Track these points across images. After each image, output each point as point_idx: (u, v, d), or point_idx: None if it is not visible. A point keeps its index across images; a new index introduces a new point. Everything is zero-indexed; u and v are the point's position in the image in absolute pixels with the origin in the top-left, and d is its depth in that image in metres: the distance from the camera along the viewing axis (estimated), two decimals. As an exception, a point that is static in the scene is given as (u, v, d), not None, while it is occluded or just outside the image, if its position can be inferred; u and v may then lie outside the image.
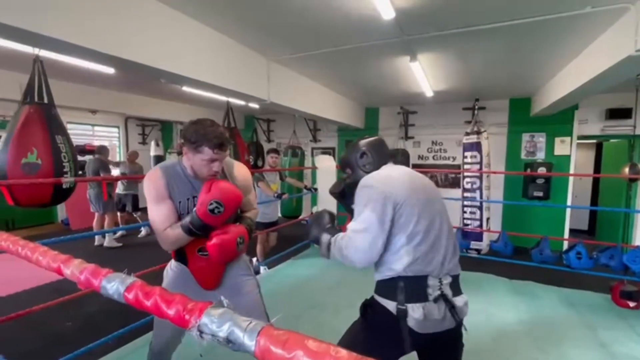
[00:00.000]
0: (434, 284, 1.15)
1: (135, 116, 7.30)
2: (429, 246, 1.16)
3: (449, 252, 1.21)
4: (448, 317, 1.15)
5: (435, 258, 1.17)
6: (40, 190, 2.15)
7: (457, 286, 1.22)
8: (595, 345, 2.32)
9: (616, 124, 4.90)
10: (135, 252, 4.94)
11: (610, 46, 2.64)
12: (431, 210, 1.21)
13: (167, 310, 0.39)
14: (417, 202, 1.19)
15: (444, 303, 1.15)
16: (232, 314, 0.36)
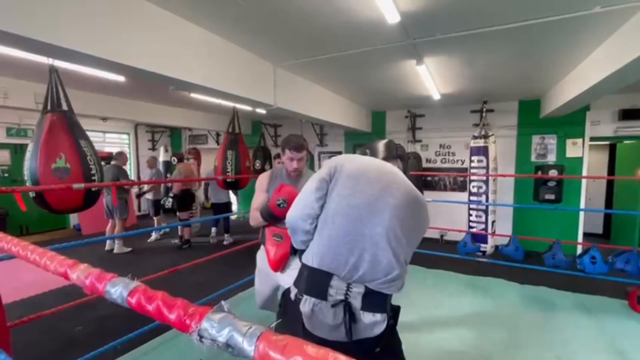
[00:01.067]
0: (339, 287, 1.02)
1: (144, 123, 7.42)
2: (343, 243, 1.03)
3: (369, 262, 1.02)
4: (342, 329, 0.99)
5: (347, 259, 1.02)
6: (74, 195, 2.20)
7: (374, 303, 1.03)
8: (613, 353, 2.25)
9: (630, 125, 4.79)
10: (144, 258, 4.99)
11: (621, 46, 2.59)
12: (369, 202, 1.06)
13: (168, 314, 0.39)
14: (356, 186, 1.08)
15: (342, 311, 0.99)
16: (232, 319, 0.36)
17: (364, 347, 1.03)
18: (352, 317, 1.00)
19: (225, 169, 4.41)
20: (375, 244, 1.02)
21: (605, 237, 6.18)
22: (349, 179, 1.10)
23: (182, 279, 3.92)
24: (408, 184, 1.15)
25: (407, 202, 1.09)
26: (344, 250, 1.03)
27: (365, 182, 1.09)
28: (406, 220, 1.07)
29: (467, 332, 2.52)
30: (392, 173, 1.16)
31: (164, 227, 5.17)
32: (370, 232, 1.03)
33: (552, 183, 4.89)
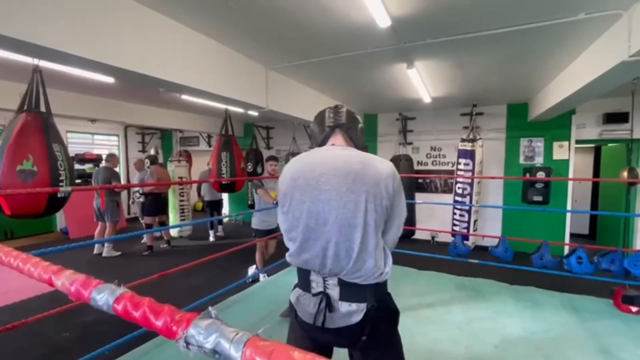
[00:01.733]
0: (317, 280, 1.12)
1: (134, 124, 7.33)
2: (302, 244, 1.09)
3: (333, 257, 1.05)
4: (321, 315, 1.08)
5: (315, 257, 1.07)
6: (35, 199, 2.10)
7: (350, 294, 1.07)
8: (600, 352, 2.29)
9: (613, 128, 4.93)
10: (134, 262, 4.92)
11: (605, 52, 2.67)
12: (326, 206, 1.04)
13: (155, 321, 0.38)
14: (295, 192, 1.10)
15: (321, 301, 1.09)
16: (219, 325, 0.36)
17: (345, 335, 1.10)
18: (330, 306, 1.08)
19: (220, 171, 4.39)
20: (334, 238, 1.05)
21: (591, 237, 6.32)
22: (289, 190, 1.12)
23: (172, 283, 3.87)
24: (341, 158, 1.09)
25: (349, 178, 1.04)
26: (310, 250, 1.09)
27: (302, 188, 1.09)
28: (359, 197, 1.03)
29: (458, 333, 2.54)
30: (322, 162, 1.10)
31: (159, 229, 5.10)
32: (322, 230, 1.06)
33: (539, 185, 4.99)
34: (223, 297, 3.10)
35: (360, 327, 1.07)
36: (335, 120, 1.21)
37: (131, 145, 8.61)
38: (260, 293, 3.31)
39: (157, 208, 5.41)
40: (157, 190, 5.34)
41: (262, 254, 3.93)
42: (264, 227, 3.87)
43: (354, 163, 1.07)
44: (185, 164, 6.75)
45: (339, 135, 1.21)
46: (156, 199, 5.37)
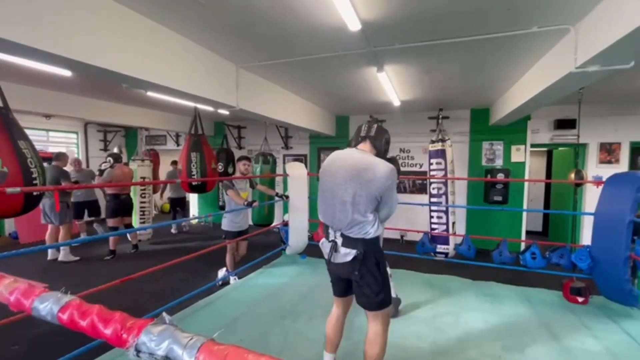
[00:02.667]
0: (332, 233, 1.75)
1: (96, 121, 6.90)
2: (324, 209, 1.78)
3: (340, 221, 1.69)
4: (331, 254, 1.75)
5: (330, 220, 1.75)
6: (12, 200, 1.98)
7: (348, 242, 1.69)
8: (550, 339, 2.48)
9: (563, 134, 5.35)
10: (95, 267, 4.63)
11: (555, 63, 2.89)
12: (329, 186, 1.73)
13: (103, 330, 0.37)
14: (324, 177, 1.79)
15: (332, 245, 1.74)
16: (172, 331, 0.35)
17: (342, 267, 1.74)
18: (336, 249, 1.73)
19: (190, 172, 4.24)
20: (338, 207, 1.69)
21: (544, 234, 6.81)
22: (323, 172, 1.82)
23: (137, 288, 3.69)
24: (353, 159, 1.70)
25: (351, 174, 1.65)
26: (328, 213, 1.76)
27: (325, 172, 1.79)
28: (355, 186, 1.63)
29: (424, 329, 2.64)
30: (343, 157, 1.75)
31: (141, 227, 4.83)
32: (333, 201, 1.70)
33: (499, 186, 5.30)
34: (191, 301, 3.00)
35: (352, 264, 1.69)
36: (366, 132, 1.81)
37: (92, 143, 8.11)
38: (230, 296, 3.24)
39: (117, 209, 5.11)
40: (116, 191, 5.06)
41: (232, 256, 3.85)
42: (234, 229, 3.80)
43: (361, 164, 1.66)
44: (150, 163, 6.45)
45: (367, 142, 1.79)
46: (115, 200, 5.08)
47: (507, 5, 2.25)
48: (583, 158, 5.43)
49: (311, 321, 2.72)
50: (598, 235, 2.89)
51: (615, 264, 2.71)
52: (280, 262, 4.39)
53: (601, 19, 2.19)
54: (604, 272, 2.85)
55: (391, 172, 1.62)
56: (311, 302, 3.09)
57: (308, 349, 2.33)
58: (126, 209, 5.25)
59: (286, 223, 4.22)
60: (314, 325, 2.65)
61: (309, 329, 2.59)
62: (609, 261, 2.77)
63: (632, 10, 1.84)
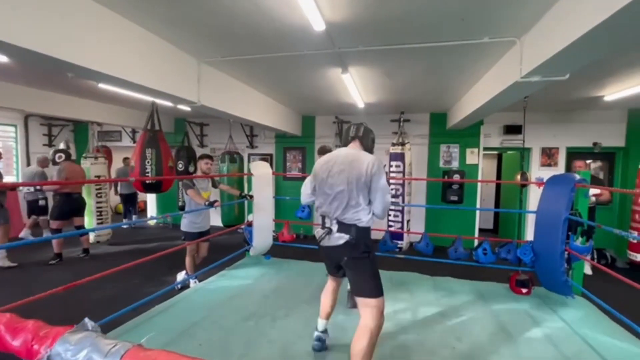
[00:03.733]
0: (328, 221, 1.97)
1: (39, 114, 6.28)
2: (322, 202, 1.99)
3: (337, 208, 1.91)
4: (324, 238, 1.96)
5: (326, 209, 1.97)
6: None
7: (342, 227, 1.90)
8: (498, 329, 2.67)
9: (511, 138, 5.81)
10: (36, 273, 4.21)
11: (503, 72, 3.13)
12: (327, 180, 1.95)
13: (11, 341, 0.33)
14: (321, 173, 2.00)
15: (327, 230, 1.94)
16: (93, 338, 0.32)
17: (334, 250, 1.94)
18: (330, 233, 1.92)
19: (144, 169, 3.99)
20: (336, 196, 1.92)
21: (495, 231, 7.33)
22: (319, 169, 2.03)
23: (85, 295, 3.42)
24: (348, 156, 1.94)
25: (348, 168, 1.89)
26: (325, 203, 1.97)
27: (322, 169, 2.01)
28: (350, 179, 1.87)
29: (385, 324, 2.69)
30: (338, 155, 1.98)
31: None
32: (331, 191, 1.93)
33: (455, 186, 5.63)
34: (147, 307, 2.83)
35: (343, 248, 1.88)
36: (355, 133, 2.06)
37: (34, 138, 7.37)
38: (189, 300, 3.11)
39: (67, 210, 4.70)
40: (68, 190, 4.65)
41: (192, 258, 3.70)
42: (194, 230, 3.65)
43: (351, 157, 1.93)
44: (104, 160, 6.00)
45: (356, 141, 2.05)
46: (66, 200, 4.66)
47: (461, 16, 2.40)
48: (528, 161, 5.94)
49: (275, 322, 2.69)
50: (539, 232, 3.17)
51: (553, 257, 2.98)
52: (243, 263, 4.29)
53: (541, 35, 2.41)
54: (544, 265, 3.13)
55: (375, 160, 1.88)
56: (275, 303, 3.06)
57: (271, 351, 2.30)
58: (79, 209, 4.85)
59: (250, 223, 4.14)
60: (277, 326, 2.62)
61: (273, 331, 2.56)
62: (548, 255, 3.05)
63: (565, 29, 2.04)
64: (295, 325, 2.66)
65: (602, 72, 3.61)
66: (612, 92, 4.37)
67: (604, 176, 5.90)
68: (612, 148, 5.68)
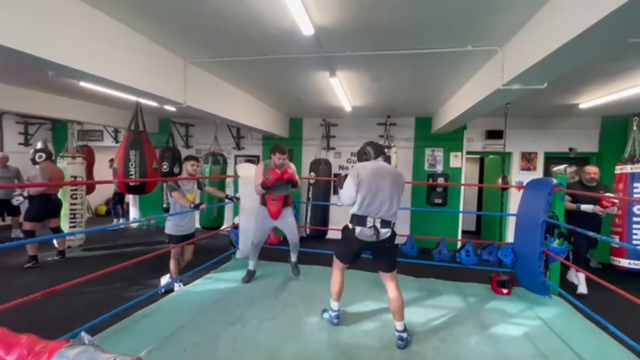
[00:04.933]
0: (370, 220, 2.37)
1: (13, 112, 6.03)
2: (369, 204, 2.36)
3: (382, 210, 2.36)
4: (374, 235, 2.37)
5: (372, 210, 2.37)
6: None
7: (386, 224, 2.39)
8: (480, 328, 2.75)
9: (492, 143, 6.00)
10: (8, 278, 4.04)
11: (485, 80, 3.23)
12: (379, 187, 2.36)
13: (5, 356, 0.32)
14: (371, 181, 2.36)
15: (373, 229, 2.37)
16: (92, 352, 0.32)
17: (382, 242, 2.41)
18: (377, 231, 2.37)
19: (127, 171, 3.89)
20: (384, 202, 2.36)
21: (477, 233, 7.52)
22: (368, 177, 2.37)
23: (64, 301, 3.30)
24: (391, 169, 2.50)
25: (393, 179, 2.41)
26: (372, 206, 2.36)
27: (373, 177, 2.37)
28: (394, 188, 2.39)
29: (371, 325, 2.75)
30: (382, 167, 2.46)
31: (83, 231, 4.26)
32: (381, 198, 2.36)
33: (440, 189, 5.75)
34: (129, 312, 2.76)
35: (388, 239, 2.43)
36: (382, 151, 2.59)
37: (9, 136, 7.08)
38: (174, 304, 3.05)
39: (45, 211, 4.53)
40: (48, 190, 4.49)
41: (177, 261, 3.64)
42: (179, 232, 3.59)
43: (392, 170, 2.48)
44: (82, 161, 5.81)
45: (382, 157, 2.56)
46: (45, 200, 4.49)
47: (446, 24, 2.47)
48: (508, 165, 6.13)
49: (261, 325, 2.67)
50: (518, 234, 3.28)
51: (532, 258, 3.10)
52: (229, 266, 4.24)
53: (521, 45, 2.51)
54: (523, 266, 3.24)
55: (403, 175, 2.57)
56: (261, 305, 3.04)
57: (258, 354, 2.29)
58: (56, 210, 4.68)
59: (237, 226, 4.10)
60: (264, 329, 2.61)
61: (259, 334, 2.54)
62: (526, 256, 3.16)
63: (544, 40, 2.14)
64: (282, 327, 2.65)
65: (578, 81, 3.78)
66: (587, 100, 4.58)
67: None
68: (587, 153, 5.94)
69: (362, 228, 2.36)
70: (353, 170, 2.43)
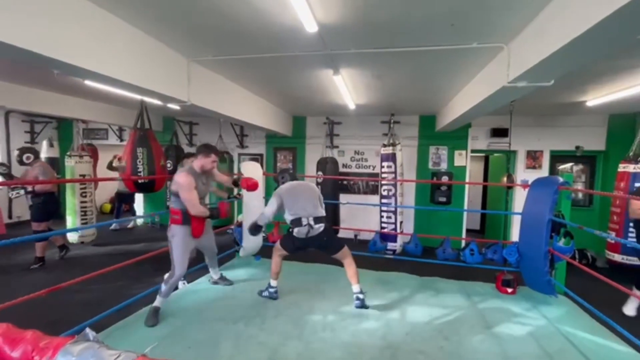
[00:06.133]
0: (305, 220, 2.91)
1: (19, 110, 6.09)
2: (297, 209, 2.96)
3: (310, 209, 2.97)
4: (309, 232, 2.92)
5: (301, 212, 2.94)
6: None
7: (318, 221, 2.94)
8: (484, 327, 2.73)
9: (497, 141, 5.94)
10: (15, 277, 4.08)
11: (491, 77, 3.20)
12: (298, 195, 3.04)
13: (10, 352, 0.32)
14: (292, 194, 3.04)
15: (307, 227, 2.91)
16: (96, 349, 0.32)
17: (317, 237, 2.97)
18: (311, 228, 2.92)
19: (135, 169, 3.91)
20: (308, 206, 2.99)
21: (481, 232, 7.47)
22: (289, 193, 3.07)
23: (68, 299, 3.34)
24: (302, 182, 3.30)
25: (305, 187, 3.19)
26: (301, 210, 2.95)
27: (296, 191, 3.09)
28: (308, 192, 3.11)
29: (375, 324, 2.75)
30: (297, 184, 3.22)
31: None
32: (304, 203, 2.99)
33: (444, 187, 5.72)
34: (132, 310, 2.78)
35: (323, 233, 2.97)
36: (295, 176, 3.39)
37: (15, 134, 7.14)
38: (177, 301, 3.06)
39: (52, 210, 4.57)
40: (52, 189, 4.53)
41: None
42: (183, 230, 3.60)
43: (304, 183, 3.32)
44: (90, 159, 5.86)
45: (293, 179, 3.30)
46: (51, 198, 4.53)
47: (451, 21, 2.44)
48: (513, 163, 6.08)
49: (264, 324, 2.68)
50: (524, 233, 3.25)
51: (537, 258, 3.07)
52: (233, 264, 4.26)
53: (528, 41, 2.48)
54: (528, 265, 3.21)
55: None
56: (264, 304, 3.05)
57: (260, 353, 2.29)
58: (59, 209, 4.73)
59: (240, 224, 4.11)
60: (267, 328, 2.62)
61: (262, 332, 2.55)
62: (532, 255, 3.14)
63: (551, 36, 2.11)
64: (284, 326, 2.66)
65: (585, 79, 3.73)
66: (594, 98, 4.52)
67: (586, 179, 6.09)
68: (593, 152, 5.87)
69: (299, 228, 2.92)
70: (275, 192, 3.10)
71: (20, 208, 7.03)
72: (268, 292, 3.18)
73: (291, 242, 3.05)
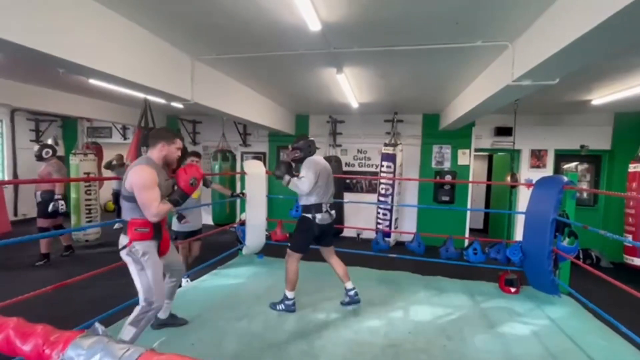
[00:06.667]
0: (325, 206, 2.79)
1: (25, 109, 6.14)
2: (324, 193, 2.80)
3: (329, 195, 2.85)
4: (328, 218, 2.81)
5: (325, 197, 2.80)
6: None
7: (332, 207, 2.87)
8: (487, 327, 2.73)
9: (501, 140, 5.91)
10: (21, 274, 4.12)
11: (495, 75, 3.18)
12: (326, 177, 2.82)
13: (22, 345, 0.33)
14: (322, 173, 2.79)
15: (328, 213, 2.80)
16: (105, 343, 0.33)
17: (330, 225, 2.87)
18: (330, 214, 2.82)
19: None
20: (329, 190, 2.85)
21: (484, 231, 7.45)
22: (321, 170, 2.80)
23: (74, 296, 3.37)
24: (326, 162, 2.97)
25: (329, 171, 2.91)
26: (327, 195, 2.82)
27: (323, 170, 2.83)
28: (330, 177, 2.90)
29: (377, 323, 2.75)
30: (324, 161, 2.95)
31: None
32: (330, 187, 2.87)
33: (447, 186, 5.71)
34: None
35: (333, 222, 2.93)
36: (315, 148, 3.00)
37: (20, 133, 7.21)
38: (181, 299, 3.08)
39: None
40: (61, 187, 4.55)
41: (184, 257, 3.67)
42: (186, 229, 3.62)
43: (326, 163, 2.96)
44: (94, 157, 5.90)
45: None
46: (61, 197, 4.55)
47: (456, 19, 2.43)
48: (517, 162, 6.04)
49: (268, 322, 2.69)
50: (527, 232, 3.24)
51: (541, 257, 3.05)
52: (236, 262, 4.27)
53: (533, 40, 2.46)
54: (532, 264, 3.20)
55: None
56: (268, 302, 3.06)
57: (263, 350, 2.30)
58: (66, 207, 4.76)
59: (243, 222, 4.12)
60: (270, 327, 2.63)
61: (266, 331, 2.56)
62: (535, 255, 3.12)
63: (556, 35, 2.09)
64: (288, 324, 2.67)
65: (590, 77, 3.70)
66: (600, 97, 4.48)
67: (591, 178, 6.04)
68: (599, 151, 5.82)
69: (322, 214, 2.76)
70: (308, 163, 2.75)
71: (25, 205, 7.10)
72: (284, 305, 2.83)
73: (311, 233, 2.76)
